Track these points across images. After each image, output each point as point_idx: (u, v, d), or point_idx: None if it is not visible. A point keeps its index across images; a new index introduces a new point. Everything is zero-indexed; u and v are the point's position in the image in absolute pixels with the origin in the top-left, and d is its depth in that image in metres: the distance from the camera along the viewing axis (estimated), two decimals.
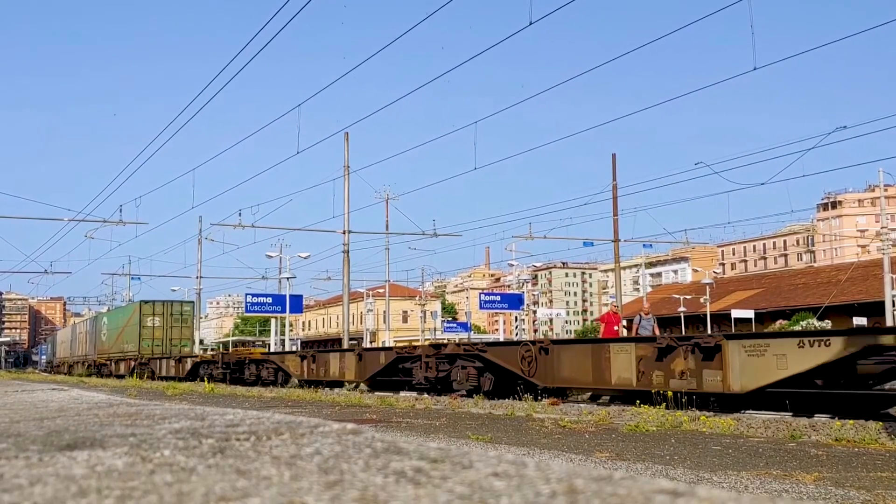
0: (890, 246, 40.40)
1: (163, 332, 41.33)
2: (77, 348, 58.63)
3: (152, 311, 41.76)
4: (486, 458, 1.43)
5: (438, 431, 9.11)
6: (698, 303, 60.06)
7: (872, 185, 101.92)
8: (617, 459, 6.71)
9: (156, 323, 41.44)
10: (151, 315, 41.59)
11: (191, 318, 43.11)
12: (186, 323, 42.65)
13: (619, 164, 36.03)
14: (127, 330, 42.89)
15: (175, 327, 41.79)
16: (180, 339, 41.75)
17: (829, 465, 6.26)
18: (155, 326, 41.24)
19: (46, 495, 1.23)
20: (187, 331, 42.55)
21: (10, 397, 5.58)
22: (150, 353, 39.87)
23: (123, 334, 43.47)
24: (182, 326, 42.18)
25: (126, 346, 42.74)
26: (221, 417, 2.49)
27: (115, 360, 44.51)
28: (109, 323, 47.83)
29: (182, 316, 42.45)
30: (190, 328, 42.82)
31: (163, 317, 41.78)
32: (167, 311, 41.96)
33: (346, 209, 32.36)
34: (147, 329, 41.04)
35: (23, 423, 2.69)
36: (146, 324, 41.18)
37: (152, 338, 40.90)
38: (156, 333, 41.13)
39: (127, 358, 41.92)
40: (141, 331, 40.75)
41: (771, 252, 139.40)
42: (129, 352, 41.64)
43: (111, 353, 45.90)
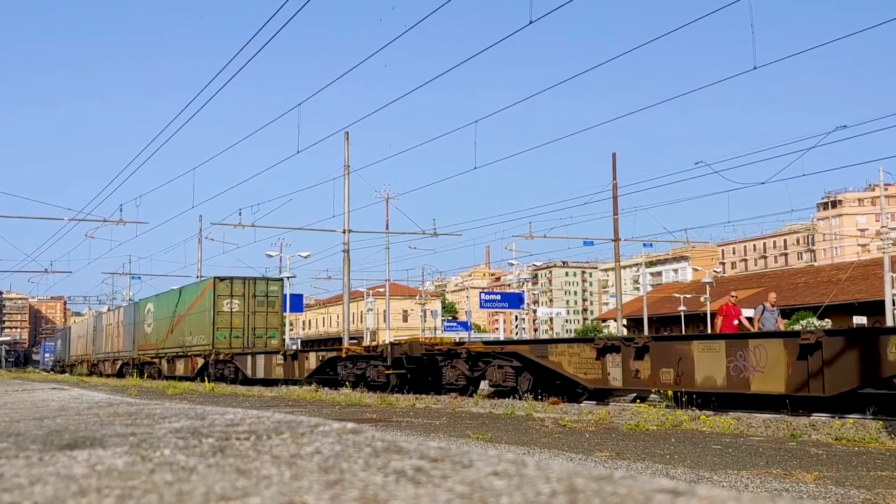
0: (890, 245, 40.39)
1: (243, 318, 31.12)
2: (104, 343, 48.68)
3: (230, 290, 31.11)
4: (486, 457, 1.43)
5: (439, 431, 9.11)
6: (698, 302, 60.06)
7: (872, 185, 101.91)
8: (617, 458, 6.71)
9: (234, 307, 31.07)
10: (229, 297, 31.02)
11: (279, 300, 32.43)
12: (273, 307, 31.89)
13: (619, 164, 36.06)
14: (191, 318, 32.97)
15: (259, 313, 31.41)
16: (266, 328, 31.50)
17: (829, 464, 6.26)
18: (234, 311, 30.95)
19: (47, 494, 1.23)
20: (275, 317, 31.99)
21: (11, 396, 5.58)
22: (226, 346, 30.34)
23: (185, 323, 33.61)
24: (269, 311, 31.71)
25: (188, 338, 33.08)
26: (222, 417, 2.49)
27: (169, 358, 34.97)
28: (159, 310, 37.76)
29: (268, 298, 31.79)
30: (278, 314, 32.30)
31: (243, 299, 31.19)
32: (248, 291, 31.40)
33: (346, 208, 32.37)
34: (223, 315, 30.79)
35: (23, 423, 2.69)
36: (222, 308, 30.78)
37: (230, 327, 30.72)
38: (235, 321, 30.91)
39: (191, 354, 32.46)
40: (215, 317, 30.66)
41: (771, 251, 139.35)
42: (196, 346, 32.06)
43: (163, 349, 36.20)
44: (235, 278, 31.73)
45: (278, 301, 32.27)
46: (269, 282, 32.94)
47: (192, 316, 32.83)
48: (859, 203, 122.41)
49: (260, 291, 31.66)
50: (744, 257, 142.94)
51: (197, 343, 32.02)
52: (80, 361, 56.97)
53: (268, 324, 31.64)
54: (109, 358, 46.36)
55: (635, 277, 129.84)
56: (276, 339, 31.65)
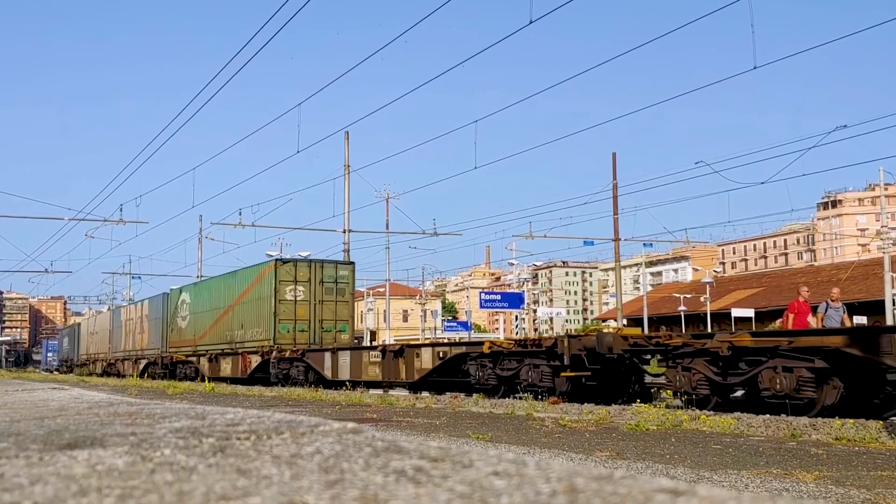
0: (890, 245, 40.39)
1: (309, 308, 26.31)
2: (123, 340, 43.69)
3: (293, 274, 26.11)
4: (486, 456, 1.43)
5: (439, 430, 9.11)
6: (698, 302, 60.06)
7: (872, 184, 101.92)
8: (617, 458, 6.71)
9: (299, 294, 26.14)
10: (292, 282, 26.07)
11: (349, 287, 27.34)
12: (343, 295, 26.99)
13: (619, 163, 36.04)
14: (243, 308, 28.13)
15: (327, 302, 26.56)
16: (335, 320, 26.70)
17: (829, 463, 6.25)
18: (298, 300, 26.14)
19: (47, 494, 1.23)
20: (345, 307, 27.08)
21: (11, 396, 5.58)
22: (289, 341, 25.58)
23: (234, 315, 28.82)
24: (338, 300, 26.84)
25: (238, 332, 28.20)
26: (222, 416, 2.49)
27: (211, 356, 29.91)
28: (198, 300, 32.55)
29: (338, 284, 26.83)
30: (349, 304, 27.27)
31: (308, 285, 26.30)
32: (315, 276, 26.41)
33: (347, 208, 32.40)
34: (286, 304, 26.00)
35: (23, 423, 2.69)
36: (285, 295, 26.00)
37: (294, 318, 26.01)
38: (299, 311, 26.14)
39: (243, 351, 27.48)
40: (277, 307, 25.85)
41: (771, 251, 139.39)
42: (250, 341, 27.25)
43: (203, 345, 31.17)
44: (300, 261, 27.07)
45: (349, 288, 27.28)
46: (338, 265, 27.64)
47: (245, 306, 27.92)
48: (859, 203, 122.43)
49: (328, 276, 26.66)
50: (744, 257, 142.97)
51: (251, 338, 27.12)
52: (92, 361, 52.59)
53: (337, 315, 26.74)
54: (130, 356, 41.74)
55: (635, 277, 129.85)
56: (347, 334, 26.84)
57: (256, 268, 27.98)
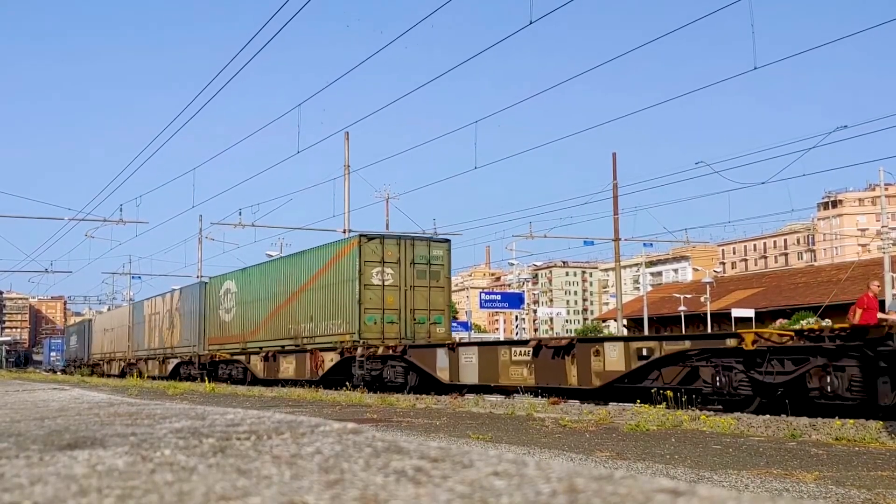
0: (890, 245, 40.40)
1: (398, 295, 21.78)
2: (147, 338, 39.44)
3: (380, 253, 21.66)
4: (486, 457, 1.43)
5: (439, 431, 9.11)
6: (698, 302, 60.05)
7: (873, 185, 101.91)
8: (617, 459, 6.71)
9: (387, 278, 21.63)
10: (379, 263, 21.61)
11: (445, 270, 22.72)
12: (438, 279, 22.46)
13: (619, 163, 36.02)
14: (315, 295, 23.55)
15: (420, 287, 22.04)
16: (428, 309, 22.19)
17: (829, 464, 6.26)
18: (386, 285, 21.61)
19: (47, 494, 1.23)
20: (440, 295, 22.49)
21: (11, 397, 5.58)
22: (377, 335, 21.12)
23: (301, 304, 24.35)
24: (432, 286, 22.29)
25: (307, 325, 23.85)
26: (222, 417, 2.49)
27: (268, 354, 25.68)
28: (248, 288, 28.22)
29: (431, 266, 22.31)
30: (445, 290, 22.72)
31: (398, 267, 21.81)
32: (405, 256, 21.96)
33: (347, 208, 32.39)
34: (373, 290, 21.41)
35: (23, 423, 2.69)
36: (371, 279, 21.43)
37: (382, 307, 21.44)
38: (388, 298, 21.57)
39: (314, 347, 23.05)
40: (362, 293, 21.25)
41: (771, 251, 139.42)
42: (325, 336, 22.77)
43: (255, 341, 26.86)
44: (387, 237, 22.55)
45: (444, 271, 22.63)
46: (431, 243, 23.07)
47: (317, 293, 23.52)
48: (860, 203, 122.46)
49: (420, 256, 22.20)
50: (744, 257, 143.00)
51: (326, 332, 22.81)
52: (107, 360, 47.88)
53: (431, 303, 22.18)
54: (156, 355, 37.40)
55: (635, 277, 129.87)
56: (444, 327, 22.50)
57: (333, 246, 23.64)
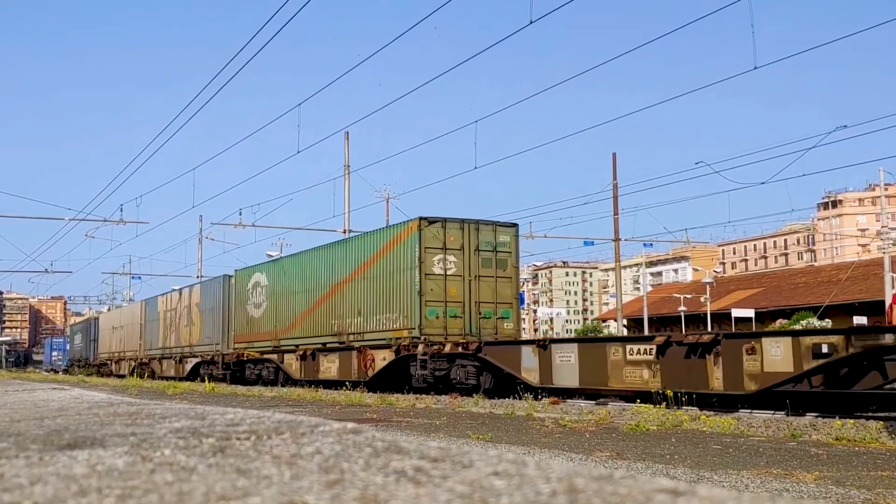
0: (890, 245, 40.42)
1: (463, 287, 19.56)
2: (161, 336, 37.13)
3: (442, 239, 19.51)
4: (486, 457, 1.43)
5: (439, 431, 9.11)
6: (698, 302, 60.06)
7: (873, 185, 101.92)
8: (617, 458, 6.71)
9: (450, 267, 19.54)
10: (441, 250, 19.50)
11: (512, 259, 20.53)
12: (505, 269, 20.29)
13: (619, 163, 36.03)
14: (362, 287, 21.44)
15: (485, 278, 19.89)
16: (494, 302, 19.93)
17: (829, 464, 6.26)
18: (449, 274, 19.50)
19: (47, 494, 1.23)
20: (507, 286, 20.29)
21: (11, 396, 5.58)
22: (439, 331, 19.03)
23: (346, 296, 22.10)
24: (498, 276, 20.11)
25: (355, 319, 21.58)
26: (222, 417, 2.49)
27: (306, 352, 23.66)
28: (282, 280, 26.07)
29: (497, 254, 20.17)
30: (513, 282, 20.56)
31: (462, 254, 19.72)
32: (469, 243, 19.83)
33: (347, 208, 32.40)
34: (435, 280, 19.29)
35: (23, 423, 2.69)
36: (432, 268, 19.33)
37: (444, 299, 19.32)
38: (451, 289, 19.42)
39: (363, 345, 21.00)
40: (423, 283, 19.13)
41: (771, 251, 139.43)
42: (378, 331, 20.59)
43: (291, 339, 24.80)
44: (450, 220, 19.85)
45: (511, 260, 20.44)
46: (497, 228, 20.47)
47: (367, 283, 21.24)
48: (859, 203, 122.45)
49: (485, 243, 20.00)
50: (744, 257, 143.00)
51: (378, 327, 20.61)
52: (116, 360, 45.59)
53: (497, 295, 19.98)
54: (173, 354, 35.21)
55: (635, 277, 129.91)
56: (512, 323, 20.22)
57: (387, 231, 21.24)
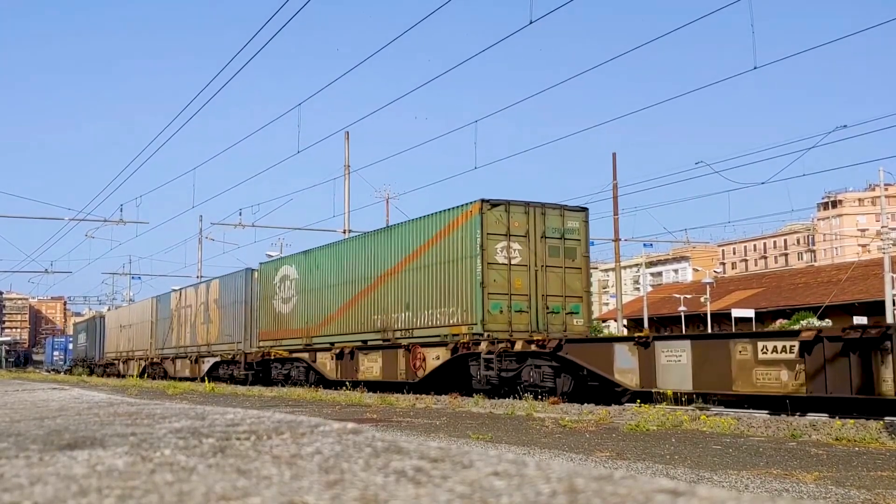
0: (890, 245, 40.43)
1: (528, 277, 17.69)
2: (175, 334, 35.43)
3: (506, 224, 17.66)
4: (486, 457, 1.43)
5: (439, 431, 9.11)
6: (698, 302, 60.04)
7: (873, 185, 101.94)
8: (617, 459, 6.71)
9: (514, 255, 17.61)
10: (504, 236, 17.62)
11: (582, 247, 18.65)
12: (574, 259, 18.38)
13: (619, 163, 36.00)
14: (411, 278, 19.56)
15: (553, 268, 18.00)
16: (563, 296, 18.00)
17: (829, 464, 6.26)
18: (513, 264, 17.58)
19: (47, 495, 1.23)
20: (576, 278, 18.39)
21: (11, 396, 5.58)
22: (503, 327, 17.20)
23: (391, 290, 20.33)
24: (567, 266, 18.20)
25: (401, 314, 19.83)
26: (222, 417, 2.49)
27: (343, 351, 21.86)
28: (314, 273, 24.25)
29: (565, 241, 18.27)
30: (581, 273, 18.57)
31: (527, 241, 17.80)
32: (535, 229, 17.92)
33: (347, 208, 32.41)
34: (498, 270, 17.40)
35: (23, 423, 2.69)
36: (495, 256, 17.42)
37: (509, 292, 17.38)
38: (515, 281, 17.50)
39: (412, 343, 19.11)
40: (485, 273, 17.20)
41: (771, 251, 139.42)
42: (430, 327, 18.69)
43: (325, 337, 23.10)
44: (514, 203, 17.89)
45: (580, 248, 18.54)
46: (565, 212, 18.45)
47: (419, 274, 19.24)
48: (859, 203, 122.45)
49: (552, 229, 18.05)
50: (744, 257, 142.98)
51: (433, 323, 18.61)
52: (124, 360, 43.68)
53: (566, 288, 18.04)
54: (188, 354, 33.41)
55: (635, 277, 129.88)
56: (582, 318, 18.30)
57: (443, 216, 18.75)
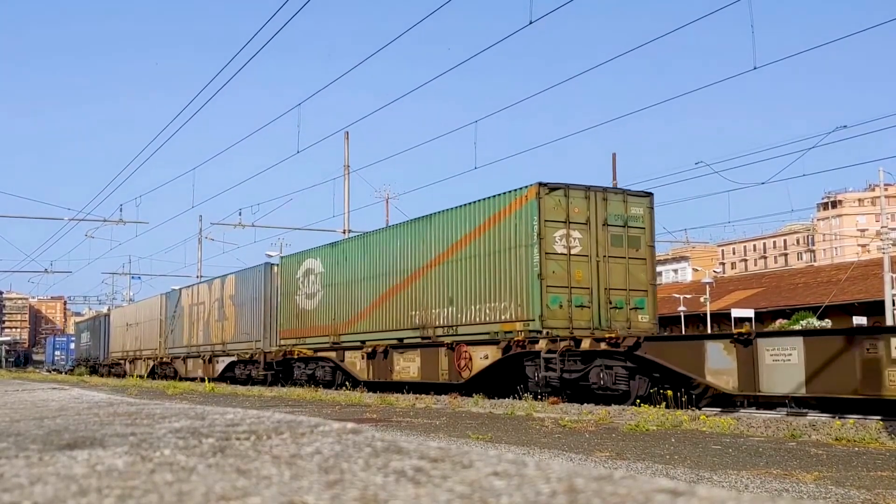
0: (890, 245, 40.43)
1: (589, 269, 16.54)
2: (187, 333, 33.93)
3: (565, 209, 16.49)
4: (486, 457, 1.43)
5: (439, 431, 9.11)
6: (698, 302, 60.03)
7: (872, 185, 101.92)
8: (617, 459, 6.71)
9: (574, 245, 16.48)
10: (563, 224, 16.44)
11: (646, 235, 17.41)
12: (638, 248, 17.21)
13: (619, 163, 35.95)
14: (455, 269, 18.19)
15: (616, 258, 16.83)
16: (627, 289, 16.81)
17: (829, 464, 6.26)
18: (573, 254, 16.43)
19: (47, 494, 1.23)
20: (641, 269, 17.23)
21: (11, 396, 5.58)
22: (563, 323, 16.00)
23: (432, 283, 18.89)
24: (630, 256, 17.02)
25: (443, 310, 18.45)
26: (222, 417, 2.49)
27: (375, 349, 20.50)
28: (341, 266, 22.91)
29: (628, 229, 17.09)
30: (647, 265, 17.44)
31: (587, 230, 16.68)
32: (596, 215, 16.77)
33: (347, 208, 32.40)
34: (557, 261, 16.27)
35: (23, 423, 2.69)
36: (553, 246, 16.25)
37: (569, 284, 16.21)
38: (576, 272, 16.35)
39: (457, 341, 17.75)
40: (544, 264, 16.05)
41: (771, 251, 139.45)
42: (478, 324, 17.46)
43: (355, 335, 21.62)
44: (573, 187, 16.65)
45: (645, 237, 17.26)
46: (627, 197, 17.23)
47: (466, 265, 17.86)
48: (859, 203, 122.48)
49: (614, 216, 16.83)
50: (744, 257, 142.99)
51: (482, 319, 17.30)
52: (130, 360, 42.35)
53: (630, 281, 16.80)
54: (201, 353, 32.02)
55: None
56: (647, 315, 17.04)
57: (495, 200, 17.27)
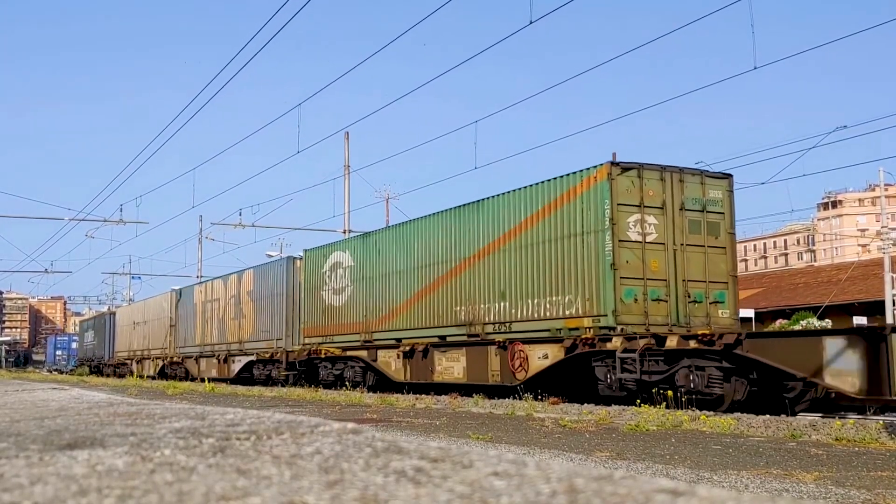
0: (890, 245, 40.43)
1: (666, 259, 14.87)
2: (200, 331, 32.71)
3: (638, 192, 14.81)
4: (486, 457, 1.43)
5: (439, 431, 9.11)
6: None
7: (873, 185, 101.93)
8: (617, 459, 6.71)
9: (649, 231, 14.79)
10: (637, 207, 14.76)
11: (726, 221, 15.55)
12: (718, 236, 15.40)
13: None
14: (508, 259, 16.65)
15: (694, 247, 15.11)
16: (706, 281, 15.03)
17: (829, 464, 6.26)
18: (648, 241, 14.73)
19: (47, 494, 1.23)
20: (721, 259, 15.37)
21: (11, 396, 5.58)
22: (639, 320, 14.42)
23: (479, 275, 17.32)
24: (709, 246, 15.22)
25: (493, 305, 16.90)
26: (222, 417, 2.49)
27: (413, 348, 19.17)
28: (371, 259, 21.45)
29: (706, 214, 15.33)
30: (727, 254, 15.53)
31: (663, 214, 14.97)
32: (672, 199, 15.09)
33: (347, 208, 32.39)
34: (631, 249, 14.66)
35: (23, 423, 2.69)
36: (627, 233, 14.66)
37: (644, 275, 14.54)
38: (651, 262, 14.70)
39: (510, 339, 16.31)
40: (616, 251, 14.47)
41: (771, 251, 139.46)
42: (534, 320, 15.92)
43: (389, 332, 20.27)
44: (647, 167, 15.11)
45: (724, 224, 15.63)
46: (705, 178, 15.60)
47: (521, 254, 16.34)
48: (859, 203, 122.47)
49: (692, 200, 15.30)
50: (744, 257, 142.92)
51: (541, 315, 15.76)
52: (138, 359, 40.96)
53: (709, 272, 15.20)
54: (215, 352, 30.69)
55: None
56: (728, 309, 15.35)
57: (559, 182, 15.65)
